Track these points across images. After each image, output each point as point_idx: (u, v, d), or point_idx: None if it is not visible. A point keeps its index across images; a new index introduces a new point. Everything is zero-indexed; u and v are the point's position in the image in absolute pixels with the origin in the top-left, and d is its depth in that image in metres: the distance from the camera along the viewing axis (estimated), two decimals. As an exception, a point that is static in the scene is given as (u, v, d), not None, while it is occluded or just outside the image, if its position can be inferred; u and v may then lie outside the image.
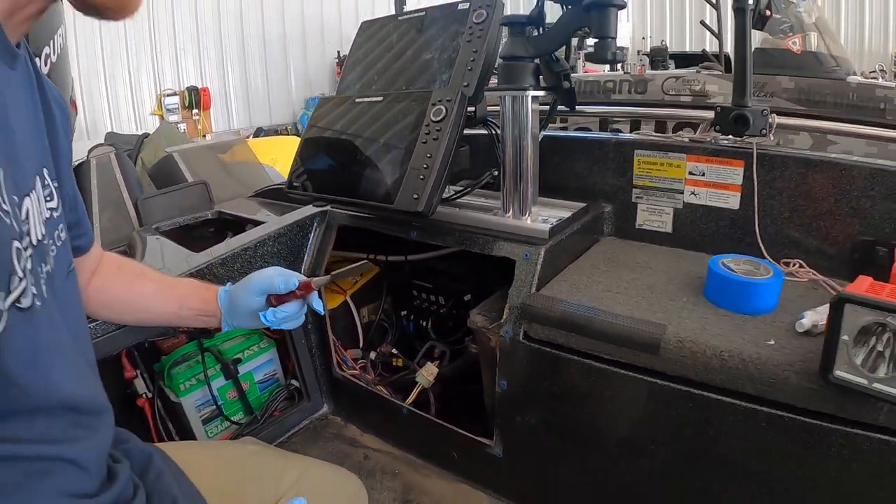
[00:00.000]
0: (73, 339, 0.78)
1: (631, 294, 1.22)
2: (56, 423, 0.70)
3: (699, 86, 3.91)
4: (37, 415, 0.68)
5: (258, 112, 8.59)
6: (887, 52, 7.93)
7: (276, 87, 8.81)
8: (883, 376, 0.83)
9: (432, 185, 1.23)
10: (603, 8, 1.15)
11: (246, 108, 8.53)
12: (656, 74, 4.30)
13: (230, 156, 3.55)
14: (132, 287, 1.11)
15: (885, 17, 7.85)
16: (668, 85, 4.07)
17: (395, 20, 1.62)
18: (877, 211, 1.27)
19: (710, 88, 3.93)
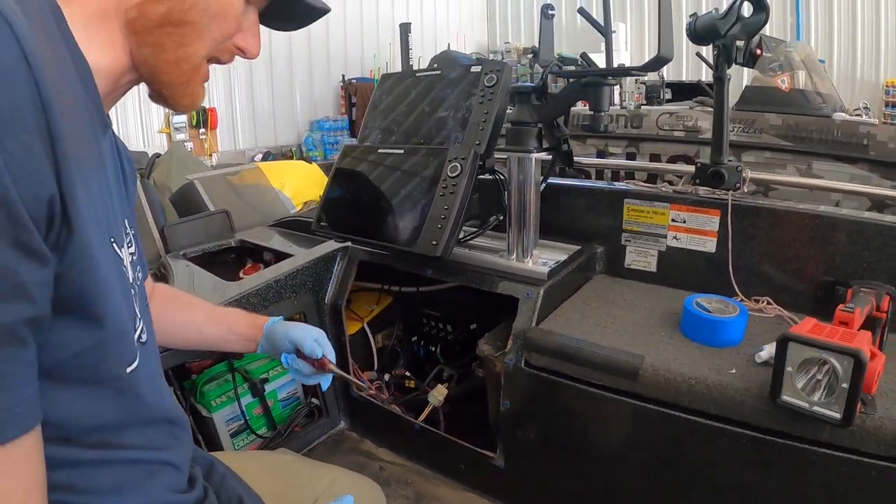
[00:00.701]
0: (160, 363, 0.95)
1: (617, 328, 1.40)
2: (161, 433, 0.86)
3: (692, 122, 4.04)
4: (149, 427, 0.83)
5: (263, 133, 8.57)
6: (879, 82, 8.04)
7: (281, 109, 8.81)
8: (819, 400, 1.01)
9: (449, 233, 1.41)
10: (598, 87, 1.35)
11: (252, 129, 8.52)
12: (651, 110, 4.44)
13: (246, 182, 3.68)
14: (188, 314, 1.24)
15: (876, 49, 7.97)
16: (662, 120, 4.20)
17: (413, 76, 1.78)
18: (838, 255, 1.45)
19: (702, 125, 4.05)
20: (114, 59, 0.78)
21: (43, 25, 0.67)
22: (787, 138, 3.75)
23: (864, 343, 0.99)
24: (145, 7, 0.76)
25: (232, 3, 0.83)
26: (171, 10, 0.77)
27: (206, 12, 0.80)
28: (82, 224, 0.64)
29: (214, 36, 0.83)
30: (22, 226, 0.55)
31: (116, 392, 0.76)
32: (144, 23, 0.77)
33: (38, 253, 0.57)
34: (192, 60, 0.83)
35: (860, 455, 1.04)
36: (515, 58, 10.12)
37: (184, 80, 0.84)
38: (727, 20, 1.49)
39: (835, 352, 0.98)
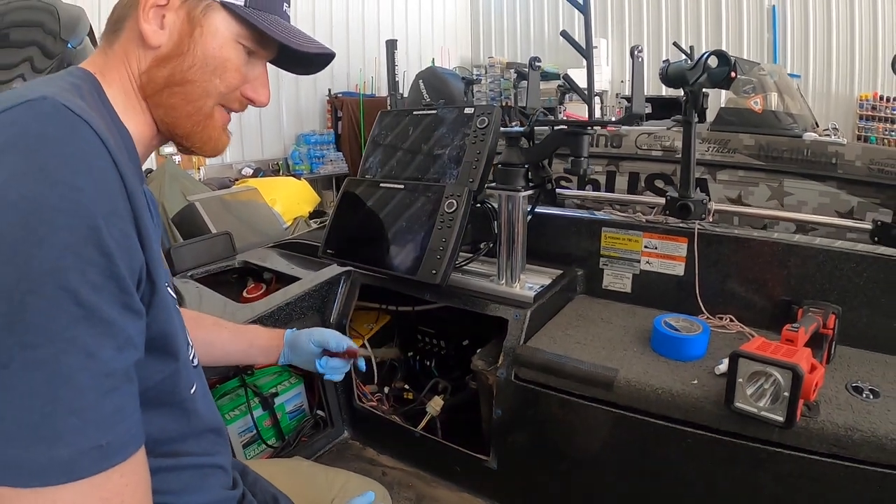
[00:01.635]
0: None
1: (595, 345, 1.57)
2: (212, 441, 0.98)
3: (669, 142, 4.13)
4: (203, 437, 0.95)
5: (250, 147, 8.40)
6: (853, 95, 8.14)
7: (268, 123, 8.64)
8: (765, 406, 1.19)
9: (447, 263, 1.57)
10: (578, 136, 1.52)
11: (239, 143, 8.31)
12: (631, 130, 4.53)
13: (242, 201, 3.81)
14: (213, 333, 1.36)
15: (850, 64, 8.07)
16: (640, 140, 4.30)
17: (410, 114, 1.93)
18: (792, 277, 1.62)
19: (678, 144, 4.15)
20: (143, 125, 0.90)
21: (98, 108, 0.80)
22: (760, 157, 3.85)
23: (804, 359, 1.17)
24: (151, 73, 0.87)
25: (229, 57, 0.91)
26: (173, 72, 0.87)
27: (205, 69, 0.89)
28: (159, 280, 0.78)
29: (220, 90, 0.92)
30: (128, 293, 0.68)
31: (183, 410, 0.89)
32: (153, 87, 0.88)
33: (137, 311, 0.70)
34: (202, 111, 0.92)
35: (805, 452, 1.21)
36: (499, 72, 10.20)
37: (199, 129, 0.93)
38: (695, 71, 1.63)
39: (777, 366, 1.16)
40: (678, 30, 9.18)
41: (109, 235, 0.66)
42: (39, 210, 0.62)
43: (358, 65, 9.58)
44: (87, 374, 0.63)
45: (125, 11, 0.88)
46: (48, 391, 0.61)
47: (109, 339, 0.66)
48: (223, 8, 0.89)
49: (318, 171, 8.76)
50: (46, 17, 1.95)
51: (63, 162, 0.65)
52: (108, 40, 0.89)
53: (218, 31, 0.89)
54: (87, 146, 0.68)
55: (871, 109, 7.91)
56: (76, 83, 0.80)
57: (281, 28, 0.94)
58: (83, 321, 0.63)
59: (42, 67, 1.90)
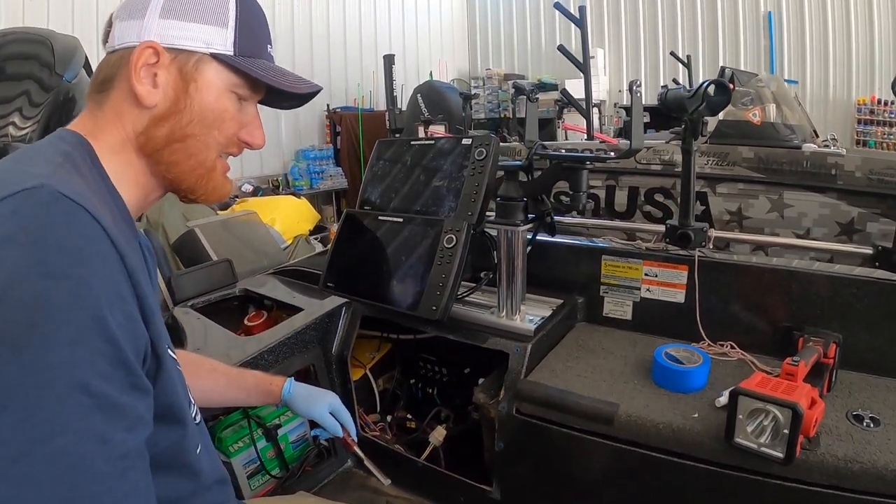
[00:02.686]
0: None
1: (595, 378, 1.58)
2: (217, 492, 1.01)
3: (668, 156, 4.10)
4: (209, 490, 0.97)
5: (249, 163, 8.36)
6: (850, 100, 8.16)
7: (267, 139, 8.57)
8: (765, 442, 1.19)
9: (447, 299, 1.57)
10: (576, 171, 1.53)
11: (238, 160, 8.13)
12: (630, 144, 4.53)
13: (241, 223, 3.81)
14: (211, 380, 1.38)
15: (847, 69, 8.09)
16: (640, 155, 4.26)
17: (407, 144, 1.94)
18: (793, 303, 1.62)
19: (677, 158, 4.13)
20: (138, 183, 0.91)
21: (92, 178, 0.81)
22: (759, 170, 3.83)
23: (804, 395, 1.18)
24: (150, 132, 0.88)
25: (226, 108, 0.93)
26: (172, 130, 0.89)
27: (203, 123, 0.91)
28: (163, 353, 0.80)
29: (219, 140, 0.94)
30: (135, 374, 0.71)
31: (191, 471, 0.91)
32: (153, 146, 0.89)
33: (145, 389, 0.73)
34: (205, 165, 0.94)
35: (805, 484, 1.21)
36: (496, 84, 10.25)
37: (203, 181, 0.95)
38: (694, 100, 1.63)
39: (777, 404, 1.16)
40: (675, 38, 9.21)
41: (114, 322, 0.68)
42: (45, 307, 0.63)
43: (356, 79, 9.62)
44: (102, 459, 0.66)
45: (112, 71, 0.88)
46: (66, 480, 0.63)
47: (121, 422, 0.68)
48: (214, 59, 0.90)
49: (317, 187, 8.78)
50: (41, 50, 1.96)
51: (64, 255, 0.66)
52: (97, 100, 0.90)
53: (212, 83, 0.90)
54: (88, 234, 0.69)
55: (869, 113, 7.94)
56: (68, 151, 0.81)
57: (271, 72, 0.95)
58: (95, 410, 0.65)
59: (39, 101, 1.91)
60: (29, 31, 2.07)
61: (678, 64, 7.33)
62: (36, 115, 1.89)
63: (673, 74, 8.37)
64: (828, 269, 1.62)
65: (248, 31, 0.93)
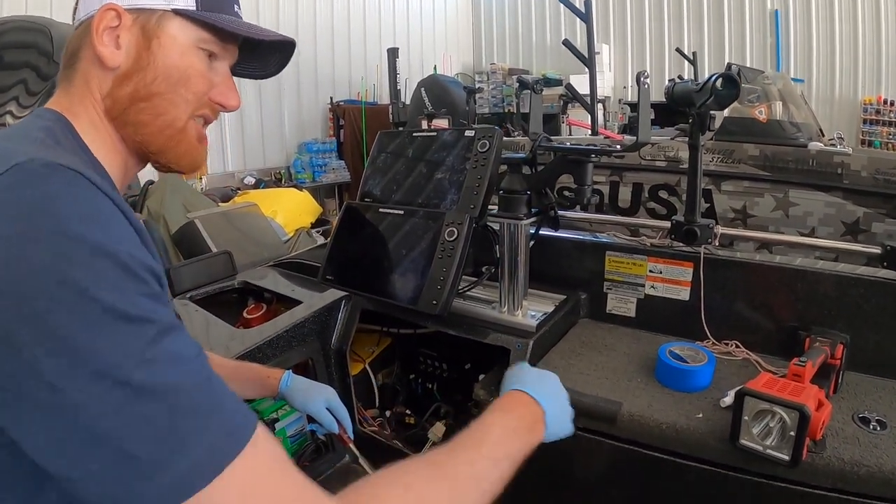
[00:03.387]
0: None
1: (598, 375, 1.55)
2: None
3: (673, 152, 4.09)
4: None
5: (252, 155, 8.45)
6: (857, 100, 8.15)
7: (270, 132, 8.72)
8: (771, 444, 1.16)
9: (447, 293, 1.54)
10: (581, 164, 1.50)
11: (241, 152, 8.39)
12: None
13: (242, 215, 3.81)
14: None
15: (854, 67, 8.08)
16: (644, 151, 4.24)
17: (410, 135, 1.91)
18: (800, 303, 1.59)
19: (682, 155, 4.12)
20: (116, 154, 0.90)
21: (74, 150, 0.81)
22: (765, 168, 3.81)
23: (811, 397, 1.15)
24: (114, 94, 0.87)
25: (192, 64, 0.90)
26: (136, 88, 0.87)
27: (169, 80, 0.88)
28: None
29: (187, 98, 0.91)
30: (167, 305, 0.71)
31: None
32: (118, 107, 0.88)
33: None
34: (174, 125, 0.92)
35: (811, 488, 1.18)
36: (501, 78, 10.22)
37: (173, 143, 0.93)
38: (702, 93, 1.59)
39: (784, 406, 1.13)
40: (681, 35, 9.20)
41: (140, 265, 0.68)
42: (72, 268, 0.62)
43: (360, 72, 9.62)
44: (182, 374, 0.67)
45: (78, 43, 0.88)
46: (160, 408, 0.63)
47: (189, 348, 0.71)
48: (177, 15, 0.88)
49: (320, 180, 8.78)
50: (40, 38, 1.94)
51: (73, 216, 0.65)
52: (67, 76, 0.89)
53: (176, 39, 0.88)
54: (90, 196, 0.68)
55: (875, 113, 7.94)
56: (48, 126, 0.80)
57: (236, 24, 0.93)
58: (159, 336, 0.66)
59: (36, 90, 1.89)
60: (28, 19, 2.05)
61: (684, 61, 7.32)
62: (33, 103, 1.87)
63: (678, 71, 8.37)
64: (835, 269, 1.58)
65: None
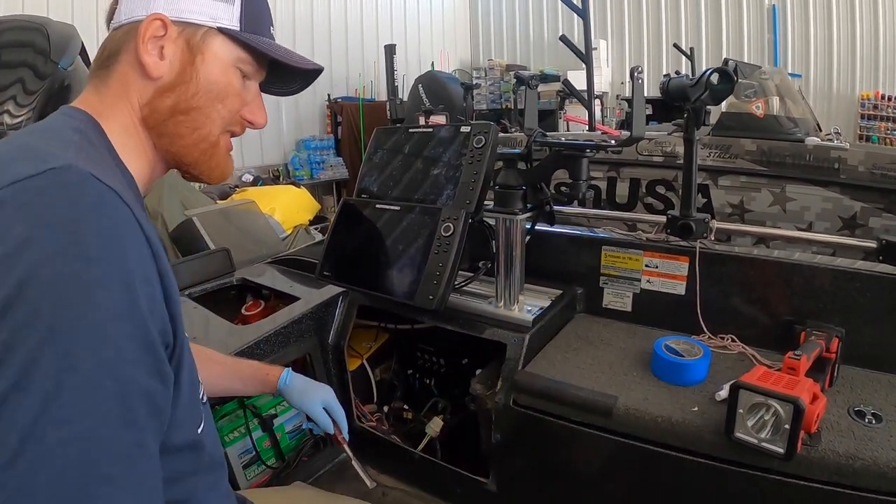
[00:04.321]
0: None
1: (594, 370, 1.56)
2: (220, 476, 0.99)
3: (670, 147, 4.08)
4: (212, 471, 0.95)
5: (250, 153, 8.37)
6: (854, 95, 8.13)
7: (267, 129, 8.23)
8: (766, 437, 1.17)
9: (444, 288, 1.54)
10: (576, 159, 1.51)
11: (238, 149, 8.27)
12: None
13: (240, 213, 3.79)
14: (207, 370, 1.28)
15: (851, 62, 8.06)
16: (641, 146, 4.24)
17: (406, 131, 1.90)
18: (795, 297, 1.60)
19: (679, 150, 4.12)
20: (144, 158, 0.90)
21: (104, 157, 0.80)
22: (762, 163, 3.80)
23: (805, 390, 1.16)
24: (155, 104, 0.88)
25: (231, 82, 0.92)
26: (177, 101, 0.88)
27: (209, 95, 0.90)
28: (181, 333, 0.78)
29: (223, 115, 0.93)
30: (160, 360, 0.70)
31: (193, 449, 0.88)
32: (157, 117, 0.88)
33: (167, 374, 0.72)
34: (208, 139, 0.93)
35: (806, 481, 1.19)
36: (498, 74, 10.20)
37: (206, 157, 0.95)
38: (697, 88, 1.59)
39: (778, 399, 1.14)
40: (678, 30, 9.17)
41: (145, 305, 0.68)
42: (77, 287, 0.63)
43: (357, 69, 9.59)
44: (121, 444, 0.65)
45: (118, 46, 0.88)
46: (83, 464, 0.61)
47: (142, 409, 0.67)
48: (221, 33, 0.89)
49: (318, 177, 8.76)
50: (36, 37, 1.94)
51: (98, 237, 0.66)
52: (101, 76, 0.89)
53: (218, 56, 0.90)
54: (118, 216, 0.69)
55: (872, 108, 7.91)
56: (81, 129, 0.80)
57: (276, 48, 0.95)
58: (119, 396, 0.64)
59: (34, 89, 1.89)
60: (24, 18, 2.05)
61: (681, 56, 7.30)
62: (31, 102, 1.87)
63: (676, 67, 8.34)
64: (831, 263, 1.59)
65: (254, 8, 0.93)
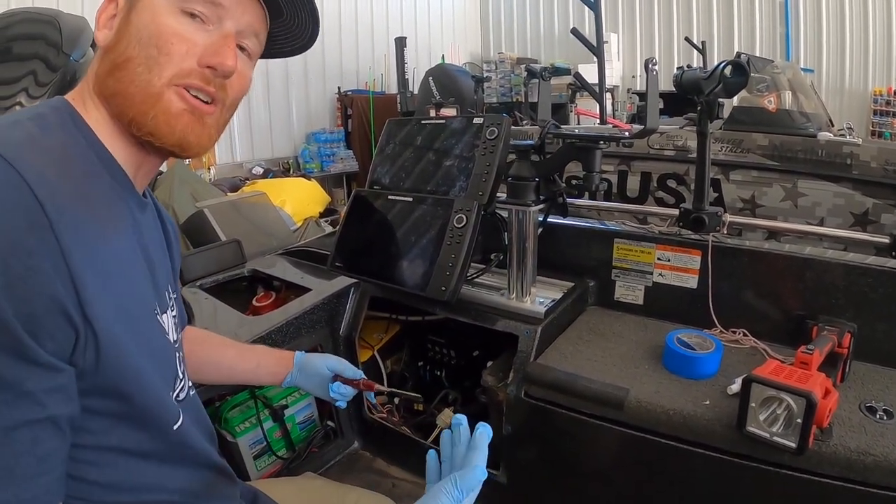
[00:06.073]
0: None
1: (606, 362, 1.56)
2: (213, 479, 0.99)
3: (681, 141, 4.08)
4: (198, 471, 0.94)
5: (261, 145, 8.42)
6: (867, 91, 8.08)
7: (278, 122, 8.66)
8: (778, 431, 1.17)
9: (456, 279, 1.55)
10: (590, 150, 1.50)
11: (249, 141, 8.33)
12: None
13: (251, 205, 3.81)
14: (220, 354, 1.36)
15: (864, 58, 8.01)
16: (653, 140, 4.23)
17: (418, 123, 1.91)
18: (807, 291, 1.59)
19: (690, 144, 4.11)
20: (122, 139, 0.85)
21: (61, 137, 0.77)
22: (774, 158, 3.79)
23: (818, 384, 1.15)
24: (98, 69, 0.84)
25: (167, 24, 0.82)
26: (114, 57, 0.82)
27: (140, 42, 0.82)
28: (106, 324, 0.71)
29: (160, 61, 0.82)
30: (19, 340, 0.62)
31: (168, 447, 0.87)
32: (100, 81, 0.84)
33: (33, 359, 0.64)
34: (147, 90, 0.82)
35: (817, 476, 1.19)
36: (509, 67, 10.17)
37: (147, 111, 0.83)
38: (711, 81, 1.60)
39: (791, 392, 1.14)
40: (689, 23, 9.13)
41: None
42: None
43: (367, 62, 9.58)
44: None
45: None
46: None
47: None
48: None
49: (328, 170, 8.76)
50: (48, 29, 1.94)
51: None
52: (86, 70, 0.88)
53: (152, 3, 0.83)
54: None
55: (885, 104, 7.85)
56: (42, 112, 0.78)
57: None
58: None
59: (46, 81, 1.89)
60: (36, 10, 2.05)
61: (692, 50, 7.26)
62: (43, 94, 1.88)
63: (687, 60, 8.31)
64: (843, 258, 1.58)
65: None
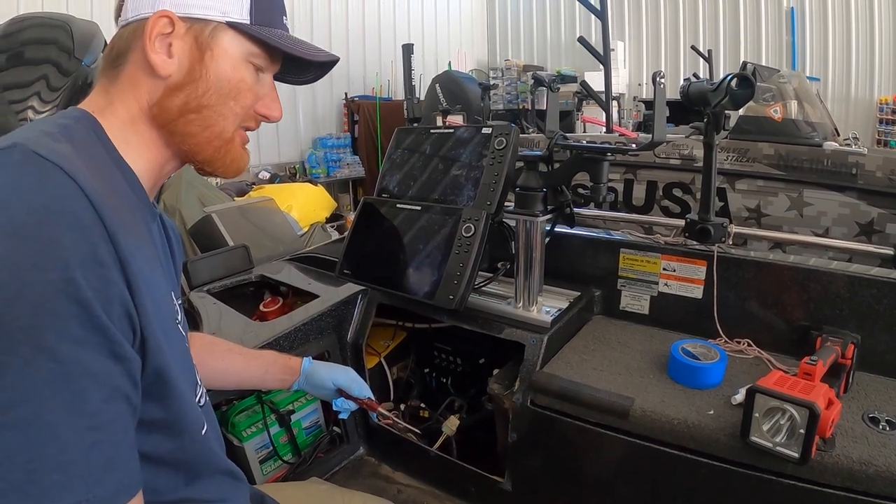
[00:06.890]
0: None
1: (611, 371, 1.57)
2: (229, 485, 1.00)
3: (687, 150, 4.07)
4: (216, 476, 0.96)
5: (267, 150, 8.41)
6: (873, 99, 8.08)
7: (284, 127, 8.62)
8: (781, 442, 1.18)
9: (464, 288, 1.57)
10: (597, 162, 1.52)
11: (255, 146, 8.24)
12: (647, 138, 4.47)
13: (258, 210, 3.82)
14: (228, 361, 1.37)
15: (870, 67, 8.01)
16: (658, 149, 4.24)
17: (427, 132, 1.92)
18: (812, 302, 1.60)
19: (696, 153, 4.12)
20: (151, 155, 0.88)
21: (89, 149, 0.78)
22: (779, 167, 3.79)
23: (821, 395, 1.17)
24: (164, 103, 0.86)
25: (242, 78, 0.90)
26: (187, 100, 0.86)
27: (220, 93, 0.88)
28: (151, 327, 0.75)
29: (235, 111, 0.91)
30: (114, 341, 0.67)
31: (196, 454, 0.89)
32: (167, 116, 0.86)
33: (127, 357, 0.69)
34: (222, 136, 0.91)
35: (820, 486, 1.20)
36: (515, 75, 10.19)
37: (220, 154, 0.92)
38: (717, 93, 1.60)
39: (794, 403, 1.15)
40: (696, 32, 9.14)
41: (87, 285, 0.65)
42: (10, 268, 0.62)
43: (374, 68, 9.60)
44: (70, 429, 0.63)
45: (126, 45, 0.86)
46: (30, 450, 0.60)
47: (94, 392, 0.65)
48: (230, 28, 0.87)
49: (334, 175, 8.78)
50: (60, 34, 1.96)
51: (33, 214, 0.64)
52: (110, 76, 0.88)
53: (228, 52, 0.88)
54: (60, 193, 0.67)
55: (891, 113, 7.84)
56: (67, 124, 0.79)
57: (288, 40, 0.93)
58: (62, 378, 0.63)
59: (58, 85, 1.92)
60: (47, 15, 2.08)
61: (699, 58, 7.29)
62: (55, 98, 1.90)
63: (693, 69, 8.32)
64: (847, 269, 1.59)
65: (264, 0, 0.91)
